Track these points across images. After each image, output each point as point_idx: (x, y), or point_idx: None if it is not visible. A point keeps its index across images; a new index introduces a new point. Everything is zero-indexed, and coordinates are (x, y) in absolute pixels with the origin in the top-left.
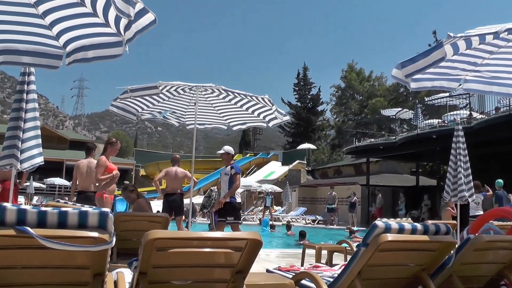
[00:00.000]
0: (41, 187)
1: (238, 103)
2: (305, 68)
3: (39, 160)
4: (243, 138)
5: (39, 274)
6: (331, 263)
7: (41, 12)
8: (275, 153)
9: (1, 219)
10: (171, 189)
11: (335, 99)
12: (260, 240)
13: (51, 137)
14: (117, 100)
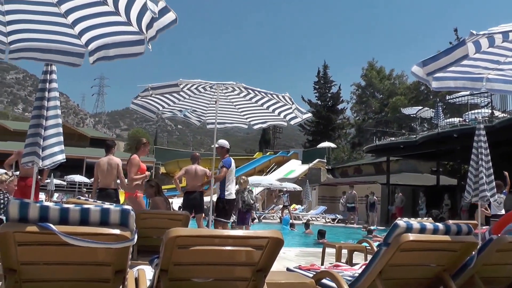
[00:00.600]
0: (62, 184)
1: (259, 101)
2: (325, 66)
3: (61, 158)
4: (263, 137)
5: (61, 270)
6: (352, 262)
7: (63, 11)
8: (295, 152)
9: (24, 215)
10: (191, 187)
11: (355, 98)
12: (282, 239)
13: (72, 134)
14: (138, 98)
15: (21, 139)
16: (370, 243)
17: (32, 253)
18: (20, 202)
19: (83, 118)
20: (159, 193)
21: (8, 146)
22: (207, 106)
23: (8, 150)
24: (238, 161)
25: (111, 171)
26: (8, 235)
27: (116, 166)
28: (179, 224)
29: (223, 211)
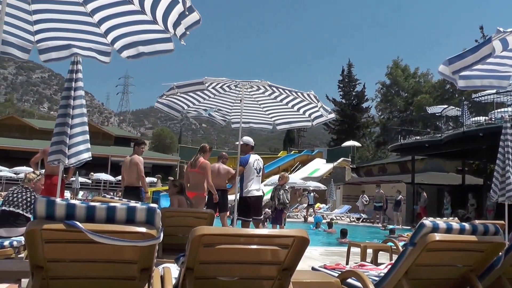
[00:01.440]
0: (87, 182)
1: (284, 100)
2: (350, 64)
3: (86, 156)
4: (288, 135)
5: (87, 268)
6: (377, 262)
7: (89, 10)
8: (320, 150)
9: (51, 213)
10: (215, 185)
11: (380, 96)
12: (307, 238)
13: (97, 133)
14: (163, 97)
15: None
16: (395, 242)
17: (58, 250)
18: (47, 200)
19: (107, 117)
20: (182, 193)
21: (34, 144)
22: (232, 105)
23: (34, 148)
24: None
25: (133, 169)
26: (35, 232)
27: (136, 164)
28: (204, 223)
29: (243, 209)
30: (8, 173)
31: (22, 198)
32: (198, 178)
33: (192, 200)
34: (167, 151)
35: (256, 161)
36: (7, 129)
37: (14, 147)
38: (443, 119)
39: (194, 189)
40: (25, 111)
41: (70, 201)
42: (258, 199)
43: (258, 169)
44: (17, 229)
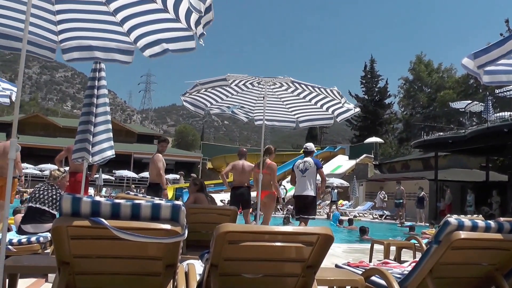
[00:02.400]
0: (110, 179)
1: (307, 96)
2: (372, 60)
3: (110, 153)
4: (310, 132)
5: (113, 264)
6: (400, 259)
7: (112, 9)
8: (342, 147)
9: (77, 210)
10: (238, 182)
11: (402, 92)
12: (332, 235)
13: (120, 130)
14: (186, 95)
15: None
16: (418, 240)
17: (84, 246)
18: (73, 197)
19: (130, 115)
20: (202, 191)
21: (58, 142)
22: (255, 102)
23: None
24: (285, 156)
25: (153, 166)
26: (62, 229)
27: (153, 161)
28: (228, 219)
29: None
30: (33, 171)
31: (48, 195)
32: (266, 178)
33: (265, 198)
34: (190, 148)
35: (301, 164)
36: (32, 127)
37: (38, 145)
38: (466, 115)
39: (264, 189)
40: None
41: (95, 199)
42: (300, 198)
43: (303, 170)
44: (43, 225)
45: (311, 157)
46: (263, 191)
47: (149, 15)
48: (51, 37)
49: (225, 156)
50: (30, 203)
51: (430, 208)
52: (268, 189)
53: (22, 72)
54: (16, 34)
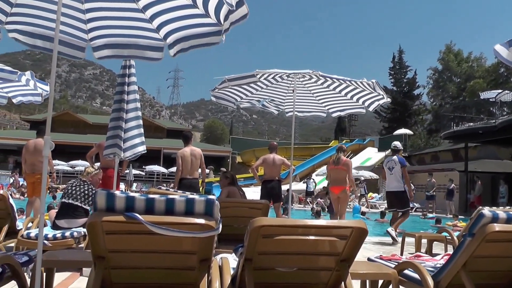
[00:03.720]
0: (140, 174)
1: (337, 88)
2: (401, 51)
3: (141, 149)
4: (339, 125)
5: (147, 258)
6: (431, 252)
7: (141, 6)
8: (371, 139)
9: (111, 205)
10: (269, 175)
11: (431, 82)
12: (366, 229)
13: (149, 126)
14: (215, 90)
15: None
16: (450, 232)
17: (119, 241)
18: (107, 193)
19: (159, 110)
20: (234, 185)
21: (88, 139)
22: (285, 95)
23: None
24: (314, 149)
25: (195, 162)
26: (97, 224)
27: (200, 156)
28: (259, 213)
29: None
30: (65, 167)
31: (80, 191)
32: (342, 174)
33: (340, 193)
34: (219, 142)
35: (388, 162)
36: (62, 125)
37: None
38: (497, 105)
39: (339, 184)
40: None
41: (130, 194)
42: (390, 193)
43: (390, 168)
44: (77, 220)
45: (397, 155)
46: (338, 186)
47: (178, 11)
48: (81, 35)
49: (254, 150)
50: (63, 199)
51: (460, 200)
52: (343, 184)
53: (54, 71)
54: (47, 34)
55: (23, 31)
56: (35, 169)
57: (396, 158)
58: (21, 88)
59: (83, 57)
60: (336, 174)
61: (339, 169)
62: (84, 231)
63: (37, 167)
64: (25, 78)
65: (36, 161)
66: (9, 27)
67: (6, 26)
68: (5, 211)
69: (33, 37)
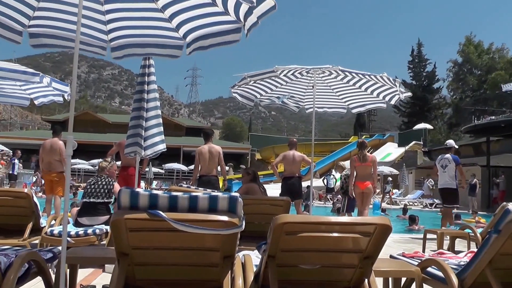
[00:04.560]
0: (160, 172)
1: (357, 83)
2: (419, 44)
3: (162, 147)
4: (358, 120)
5: (171, 255)
6: (454, 249)
7: (160, 6)
8: (391, 134)
9: (135, 203)
10: (289, 172)
11: (451, 75)
12: (390, 225)
13: (168, 124)
14: (235, 87)
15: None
16: (473, 229)
17: (142, 238)
18: (131, 191)
19: (177, 109)
20: (255, 181)
21: (108, 138)
22: (305, 91)
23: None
24: (333, 145)
25: (213, 159)
26: (120, 222)
27: (218, 153)
28: (281, 210)
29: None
30: (86, 166)
31: (100, 187)
32: (368, 170)
33: (365, 190)
34: (238, 139)
35: (442, 160)
36: (82, 124)
37: (89, 141)
38: None
39: (365, 179)
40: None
41: (153, 192)
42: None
43: (443, 166)
44: (99, 217)
45: (450, 153)
46: (363, 182)
47: (197, 10)
48: (101, 36)
49: (273, 146)
50: (84, 199)
51: (483, 196)
52: (369, 180)
53: (76, 72)
54: (69, 36)
55: (45, 34)
56: (51, 168)
57: (449, 156)
58: (43, 89)
59: (105, 54)
60: (363, 171)
61: (366, 165)
62: (106, 228)
63: (53, 166)
64: (46, 80)
65: (52, 160)
66: (31, 30)
67: (28, 30)
68: (29, 209)
69: (56, 39)
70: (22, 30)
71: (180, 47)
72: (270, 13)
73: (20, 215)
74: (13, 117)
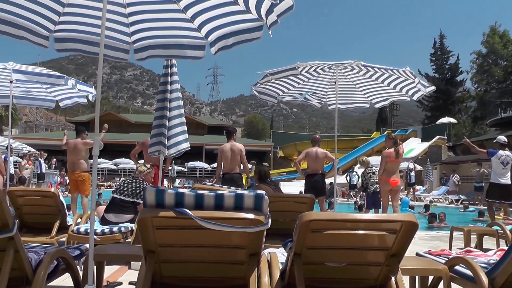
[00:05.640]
0: (183, 171)
1: (379, 78)
2: (442, 36)
3: (185, 146)
4: (380, 115)
5: (197, 253)
6: (481, 247)
7: (182, 7)
8: (414, 129)
9: (161, 201)
10: (313, 169)
11: (475, 67)
12: (416, 222)
13: (190, 123)
14: (257, 85)
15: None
16: (502, 226)
17: (169, 236)
18: (157, 189)
19: (199, 108)
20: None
21: (131, 138)
22: (327, 87)
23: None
24: (356, 141)
25: (235, 157)
26: (147, 220)
27: (240, 151)
28: (305, 207)
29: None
30: (109, 165)
31: (132, 187)
32: (398, 166)
33: (395, 187)
34: (260, 137)
35: (502, 157)
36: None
37: (112, 141)
38: None
39: (395, 176)
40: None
41: (179, 190)
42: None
43: (504, 163)
44: (124, 215)
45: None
46: (394, 178)
47: (219, 9)
48: (125, 38)
49: (295, 143)
50: (114, 194)
51: None
52: (398, 176)
53: (100, 75)
54: (93, 39)
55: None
56: (75, 168)
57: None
58: (67, 91)
59: (127, 58)
60: (394, 167)
61: (398, 161)
62: (131, 227)
63: (76, 166)
64: (71, 82)
65: (76, 160)
66: (57, 35)
67: (54, 35)
68: (56, 208)
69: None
70: (48, 35)
71: (203, 47)
72: (287, 12)
73: (48, 214)
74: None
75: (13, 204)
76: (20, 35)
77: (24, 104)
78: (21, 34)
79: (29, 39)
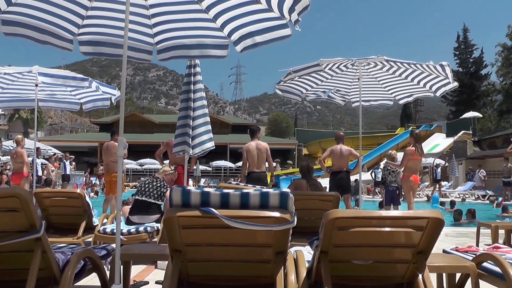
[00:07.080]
0: (207, 170)
1: (403, 74)
2: (465, 29)
3: (210, 145)
4: (404, 111)
5: (223, 252)
6: (510, 243)
7: (204, 7)
8: (439, 125)
9: (187, 201)
10: (338, 167)
11: (501, 60)
12: (442, 219)
13: (214, 122)
14: (280, 83)
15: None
16: None
17: (195, 235)
18: (182, 189)
19: (223, 107)
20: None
21: (155, 138)
22: (351, 84)
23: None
24: (380, 138)
25: (261, 155)
26: (173, 219)
27: (266, 150)
28: (330, 205)
29: None
30: (134, 166)
31: (153, 188)
32: (420, 164)
33: (415, 185)
34: (284, 135)
35: None
36: (129, 126)
37: (137, 141)
38: None
39: (416, 173)
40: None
41: (205, 189)
42: None
43: None
44: (149, 216)
45: None
46: (416, 175)
47: (241, 8)
48: (148, 40)
49: (320, 141)
50: (136, 196)
51: None
52: (417, 174)
53: (124, 77)
54: (116, 41)
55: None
56: (109, 169)
57: None
58: (91, 94)
59: (151, 59)
60: (417, 164)
61: (420, 159)
62: (157, 226)
63: (110, 167)
64: (95, 84)
65: (109, 161)
66: (81, 38)
67: (78, 38)
68: (82, 209)
69: (105, 46)
70: (72, 39)
71: (226, 46)
72: (304, 12)
73: (74, 214)
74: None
75: (40, 206)
76: (44, 39)
77: (49, 107)
78: (45, 39)
79: (53, 43)
